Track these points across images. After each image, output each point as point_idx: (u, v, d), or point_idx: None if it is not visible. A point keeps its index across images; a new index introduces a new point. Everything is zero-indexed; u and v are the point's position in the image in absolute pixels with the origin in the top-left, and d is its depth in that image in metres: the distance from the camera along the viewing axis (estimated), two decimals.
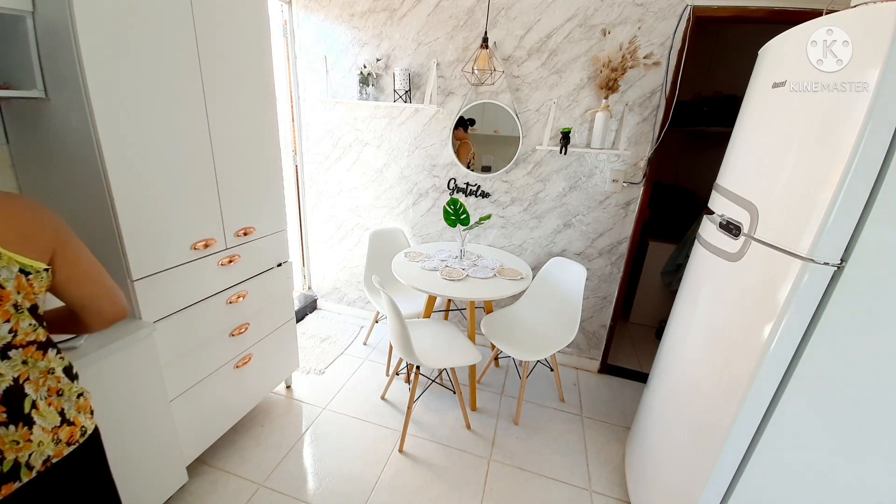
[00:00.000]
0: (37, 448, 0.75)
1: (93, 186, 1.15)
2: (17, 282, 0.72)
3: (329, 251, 2.95)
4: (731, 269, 1.20)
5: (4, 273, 0.69)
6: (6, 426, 0.71)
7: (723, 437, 1.10)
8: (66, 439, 0.80)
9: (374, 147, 2.56)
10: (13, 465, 0.71)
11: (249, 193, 1.65)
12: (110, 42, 1.09)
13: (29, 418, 0.74)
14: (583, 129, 2.17)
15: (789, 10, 1.74)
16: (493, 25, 2.13)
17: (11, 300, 0.72)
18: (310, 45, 2.48)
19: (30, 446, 0.74)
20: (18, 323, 0.73)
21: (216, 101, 1.43)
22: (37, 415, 0.76)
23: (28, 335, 0.75)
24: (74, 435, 0.81)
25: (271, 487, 1.64)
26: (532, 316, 2.21)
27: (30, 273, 0.73)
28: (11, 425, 0.72)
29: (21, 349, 0.74)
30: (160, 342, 1.33)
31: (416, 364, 1.77)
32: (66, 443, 0.80)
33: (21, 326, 0.74)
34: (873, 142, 0.82)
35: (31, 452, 0.74)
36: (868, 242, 0.87)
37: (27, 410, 0.74)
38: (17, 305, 0.73)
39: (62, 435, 0.79)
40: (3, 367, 0.72)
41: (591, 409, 2.23)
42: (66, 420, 0.80)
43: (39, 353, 0.77)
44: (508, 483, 1.74)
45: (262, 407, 2.05)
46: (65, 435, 0.79)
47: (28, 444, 0.73)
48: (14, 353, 0.73)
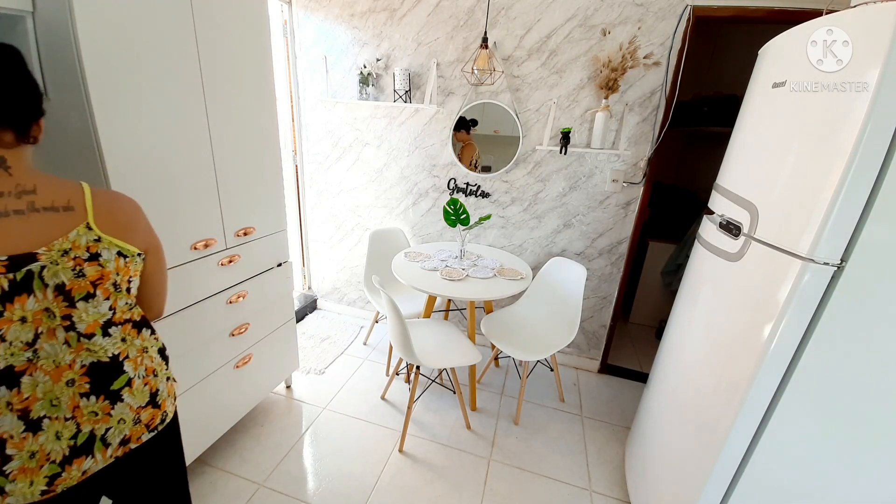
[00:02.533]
0: (116, 424, 0.78)
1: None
2: (116, 263, 0.78)
3: (329, 251, 2.95)
4: (731, 269, 1.20)
5: (105, 254, 0.76)
6: (87, 397, 0.75)
7: (723, 437, 1.10)
8: (147, 421, 0.83)
9: (374, 147, 2.56)
10: (88, 438, 0.74)
11: (249, 193, 1.65)
12: (110, 42, 1.09)
13: (116, 394, 0.78)
14: (583, 129, 2.17)
15: (789, 10, 1.74)
16: (493, 25, 2.13)
17: (111, 279, 0.77)
18: (310, 45, 2.48)
19: (108, 420, 0.77)
20: (117, 301, 0.79)
21: (216, 101, 1.43)
22: (128, 393, 0.80)
23: (125, 313, 0.81)
24: (156, 419, 0.85)
25: (271, 487, 1.64)
26: (532, 316, 2.21)
27: (126, 256, 0.80)
28: (92, 396, 0.75)
29: (119, 326, 0.80)
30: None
31: (416, 364, 1.77)
32: (146, 425, 0.83)
33: (119, 304, 0.80)
34: (873, 142, 0.82)
35: (108, 427, 0.77)
36: (868, 242, 0.87)
37: (118, 387, 0.78)
38: (117, 284, 0.79)
39: (144, 416, 0.82)
40: (104, 343, 0.77)
41: (591, 409, 2.23)
42: (153, 402, 0.84)
43: (135, 332, 0.83)
44: (508, 483, 1.74)
45: (262, 407, 2.05)
46: (146, 417, 0.83)
47: (106, 418, 0.76)
48: (114, 330, 0.79)
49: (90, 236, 0.74)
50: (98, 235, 0.75)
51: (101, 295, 0.76)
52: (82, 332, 0.74)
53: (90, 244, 0.74)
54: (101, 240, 0.75)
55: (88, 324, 0.75)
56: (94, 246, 0.74)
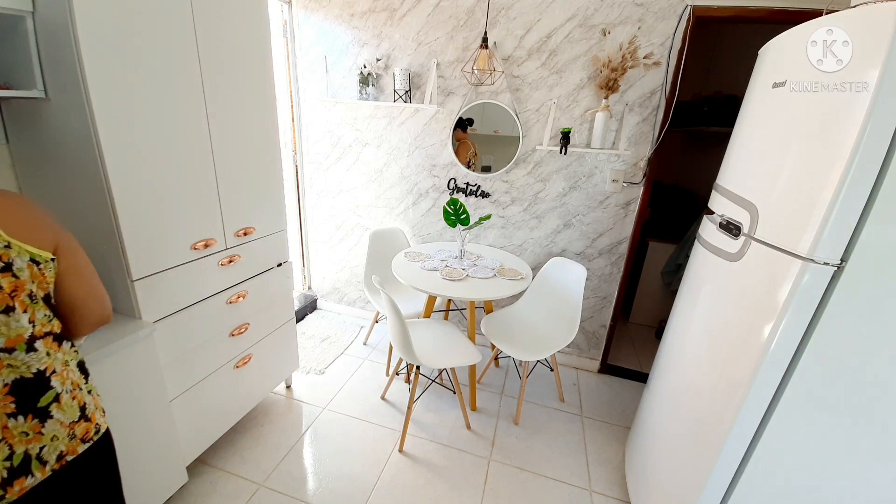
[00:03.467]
0: (49, 442, 0.74)
1: (93, 186, 1.15)
2: (30, 271, 0.72)
3: (329, 251, 2.95)
4: (731, 269, 1.20)
5: (18, 262, 0.70)
6: (14, 417, 0.70)
7: (723, 437, 1.10)
8: (82, 435, 0.80)
9: (374, 147, 2.56)
10: (23, 458, 0.71)
11: (249, 193, 1.65)
12: (110, 42, 1.09)
13: (44, 411, 0.74)
14: (583, 129, 2.17)
15: (789, 10, 1.74)
16: (493, 25, 2.13)
17: (27, 290, 0.72)
18: (310, 45, 2.48)
19: (40, 439, 0.73)
20: (35, 313, 0.73)
21: (216, 101, 1.43)
22: (57, 408, 0.76)
23: (44, 326, 0.75)
24: (90, 432, 0.81)
25: (271, 487, 1.64)
26: (532, 316, 2.21)
27: (39, 262, 0.74)
28: (20, 416, 0.71)
29: (41, 339, 0.75)
30: (160, 342, 1.33)
31: (416, 364, 1.77)
32: (81, 439, 0.80)
33: (37, 317, 0.74)
34: (873, 142, 0.82)
35: (42, 445, 0.73)
36: (868, 242, 0.87)
37: (44, 404, 0.74)
38: (32, 295, 0.73)
39: (78, 431, 0.79)
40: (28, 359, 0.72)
41: (591, 409, 2.23)
42: (84, 416, 0.80)
43: (56, 345, 0.77)
44: (508, 483, 1.74)
45: (262, 407, 2.05)
46: (80, 431, 0.79)
47: (38, 437, 0.73)
48: (38, 345, 0.74)
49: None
50: (7, 241, 0.68)
51: (18, 308, 0.70)
52: (1, 346, 0.68)
53: (1, 252, 0.67)
54: (11, 246, 0.68)
55: (9, 338, 0.69)
56: (6, 254, 0.68)
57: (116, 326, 1.22)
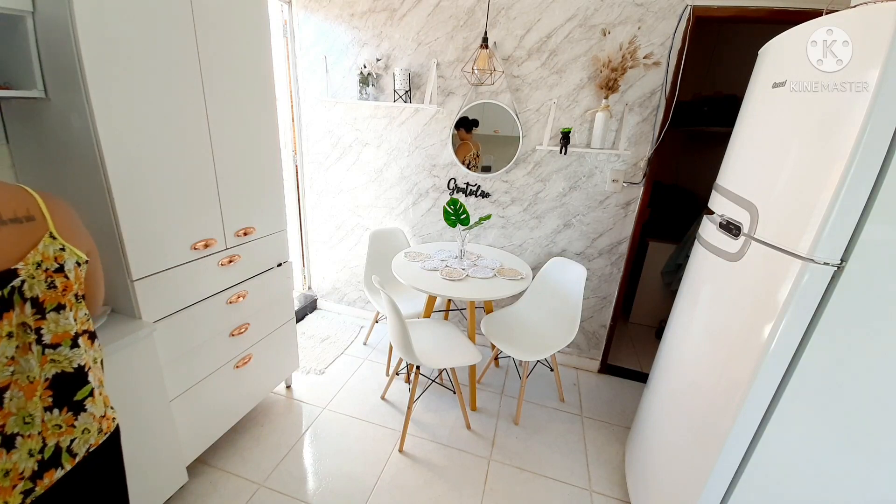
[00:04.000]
0: (80, 434, 0.77)
1: (93, 186, 1.15)
2: (76, 272, 0.76)
3: (329, 251, 2.95)
4: (731, 269, 1.20)
5: (68, 263, 0.74)
6: (50, 410, 0.73)
7: (723, 437, 1.10)
8: (105, 429, 0.83)
9: (374, 147, 2.56)
10: (55, 451, 0.73)
11: (249, 193, 1.65)
12: (110, 42, 1.09)
13: (79, 405, 0.77)
14: (583, 129, 2.17)
15: (789, 10, 1.74)
16: (493, 25, 2.13)
17: (74, 289, 0.76)
18: (310, 45, 2.48)
19: (72, 431, 0.75)
20: (78, 312, 0.77)
21: (216, 101, 1.43)
22: (91, 403, 0.79)
23: (83, 324, 0.79)
24: (111, 425, 0.85)
25: (271, 487, 1.64)
26: (532, 316, 2.21)
27: (80, 264, 0.77)
28: (56, 409, 0.73)
29: (82, 336, 0.78)
30: (160, 342, 1.33)
31: (416, 364, 1.77)
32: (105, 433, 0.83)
33: (80, 315, 0.78)
34: (873, 142, 0.82)
35: (73, 438, 0.76)
36: (868, 242, 0.87)
37: (80, 397, 0.77)
38: (77, 295, 0.77)
39: (104, 425, 0.82)
40: (70, 354, 0.75)
41: (591, 409, 2.23)
42: (106, 410, 0.84)
43: (90, 342, 0.81)
44: (508, 483, 1.74)
45: (262, 407, 2.05)
46: (105, 425, 0.83)
47: (70, 430, 0.75)
48: (80, 341, 0.77)
49: (55, 246, 0.72)
50: (62, 244, 0.73)
51: (67, 306, 0.74)
52: (47, 342, 0.72)
53: (57, 254, 0.72)
54: (65, 249, 0.74)
55: (55, 334, 0.73)
56: (61, 256, 0.73)
57: (116, 326, 1.22)
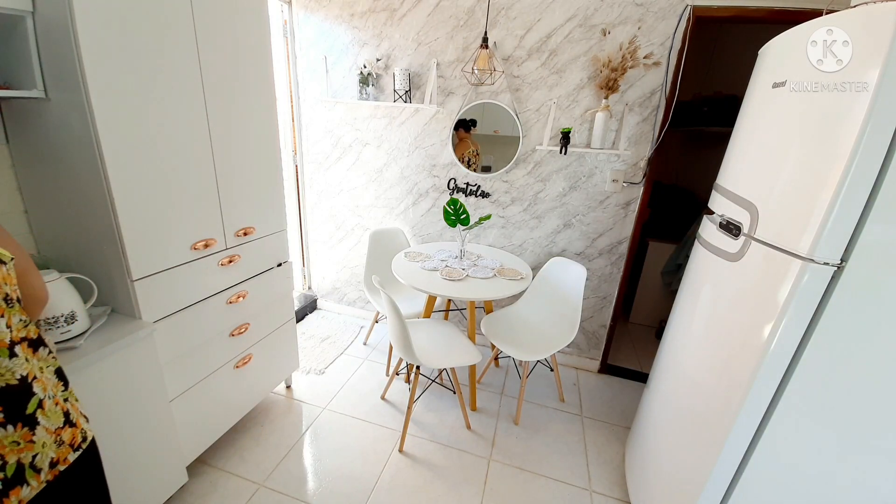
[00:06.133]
0: (41, 449, 0.72)
1: (93, 186, 1.15)
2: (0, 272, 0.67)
3: (329, 251, 2.95)
4: (731, 269, 1.20)
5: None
6: (4, 427, 0.68)
7: (723, 437, 1.10)
8: (69, 441, 0.78)
9: (374, 147, 2.56)
10: (17, 468, 0.69)
11: (249, 193, 1.65)
12: (110, 42, 1.09)
13: (32, 418, 0.72)
14: (583, 129, 2.17)
15: (789, 10, 1.74)
16: (493, 25, 2.13)
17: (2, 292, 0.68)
18: (310, 45, 2.48)
19: (32, 447, 0.71)
20: (10, 318, 0.70)
21: (216, 101, 1.43)
22: (42, 415, 0.73)
23: (20, 331, 0.72)
24: (76, 438, 0.79)
25: (271, 487, 1.64)
26: (532, 316, 2.21)
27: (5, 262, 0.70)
28: (10, 426, 0.69)
29: (19, 345, 0.71)
30: (160, 342, 1.33)
31: (416, 364, 1.77)
32: (70, 445, 0.78)
33: (13, 321, 0.71)
34: (873, 142, 0.82)
35: (35, 453, 0.71)
36: (868, 242, 0.87)
37: (31, 410, 0.72)
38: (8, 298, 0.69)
39: (65, 437, 0.77)
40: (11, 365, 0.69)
41: (591, 409, 2.23)
42: (69, 421, 0.78)
43: (30, 350, 0.74)
44: (508, 483, 1.74)
45: (262, 407, 2.05)
46: (67, 437, 0.77)
47: (30, 445, 0.71)
48: (18, 350, 0.71)
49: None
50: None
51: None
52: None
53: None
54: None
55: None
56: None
57: (116, 326, 1.22)
